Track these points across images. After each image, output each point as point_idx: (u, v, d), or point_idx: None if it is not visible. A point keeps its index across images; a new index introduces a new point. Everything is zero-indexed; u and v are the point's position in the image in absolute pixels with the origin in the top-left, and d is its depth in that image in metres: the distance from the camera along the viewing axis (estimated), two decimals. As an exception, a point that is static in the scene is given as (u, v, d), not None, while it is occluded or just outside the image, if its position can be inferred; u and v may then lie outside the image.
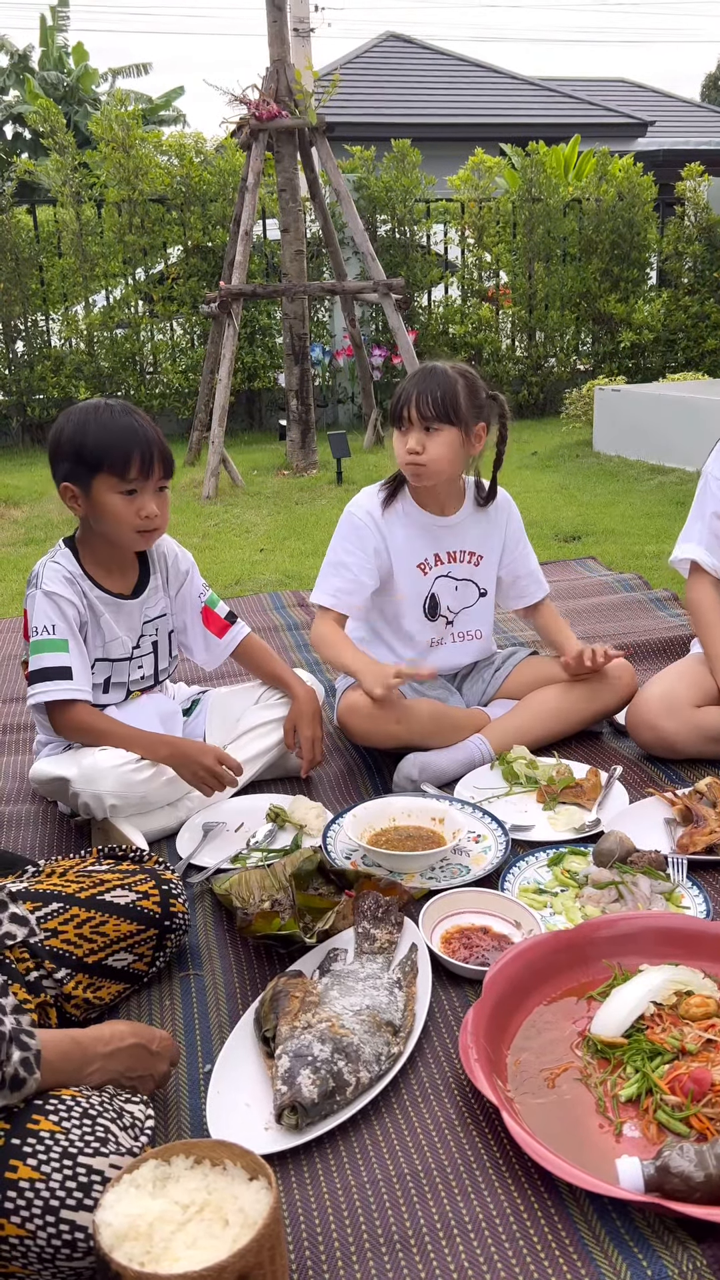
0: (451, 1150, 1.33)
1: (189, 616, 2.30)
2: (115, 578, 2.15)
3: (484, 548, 2.46)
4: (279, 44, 6.52)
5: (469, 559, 2.44)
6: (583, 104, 15.96)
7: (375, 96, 14.96)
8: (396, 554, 2.37)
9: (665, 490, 5.72)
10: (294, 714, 2.31)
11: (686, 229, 9.53)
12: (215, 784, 2.10)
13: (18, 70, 22.20)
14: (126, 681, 2.20)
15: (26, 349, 8.72)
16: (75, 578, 2.08)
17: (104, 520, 2.03)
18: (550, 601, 2.60)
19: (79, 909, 1.55)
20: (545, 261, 9.35)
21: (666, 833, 2.03)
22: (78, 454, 1.98)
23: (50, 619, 2.04)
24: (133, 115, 8.54)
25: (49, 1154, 1.13)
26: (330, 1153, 1.33)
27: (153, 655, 2.24)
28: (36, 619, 2.05)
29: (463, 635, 2.49)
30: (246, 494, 6.24)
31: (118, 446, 1.96)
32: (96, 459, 1.97)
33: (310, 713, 2.31)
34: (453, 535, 2.42)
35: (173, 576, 2.26)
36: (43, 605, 2.04)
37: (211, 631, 2.31)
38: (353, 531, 2.38)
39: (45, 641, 2.04)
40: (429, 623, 2.44)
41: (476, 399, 2.27)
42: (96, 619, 2.10)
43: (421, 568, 2.40)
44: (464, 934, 1.72)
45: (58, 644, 2.03)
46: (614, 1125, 1.33)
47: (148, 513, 2.01)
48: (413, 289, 9.13)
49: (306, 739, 2.29)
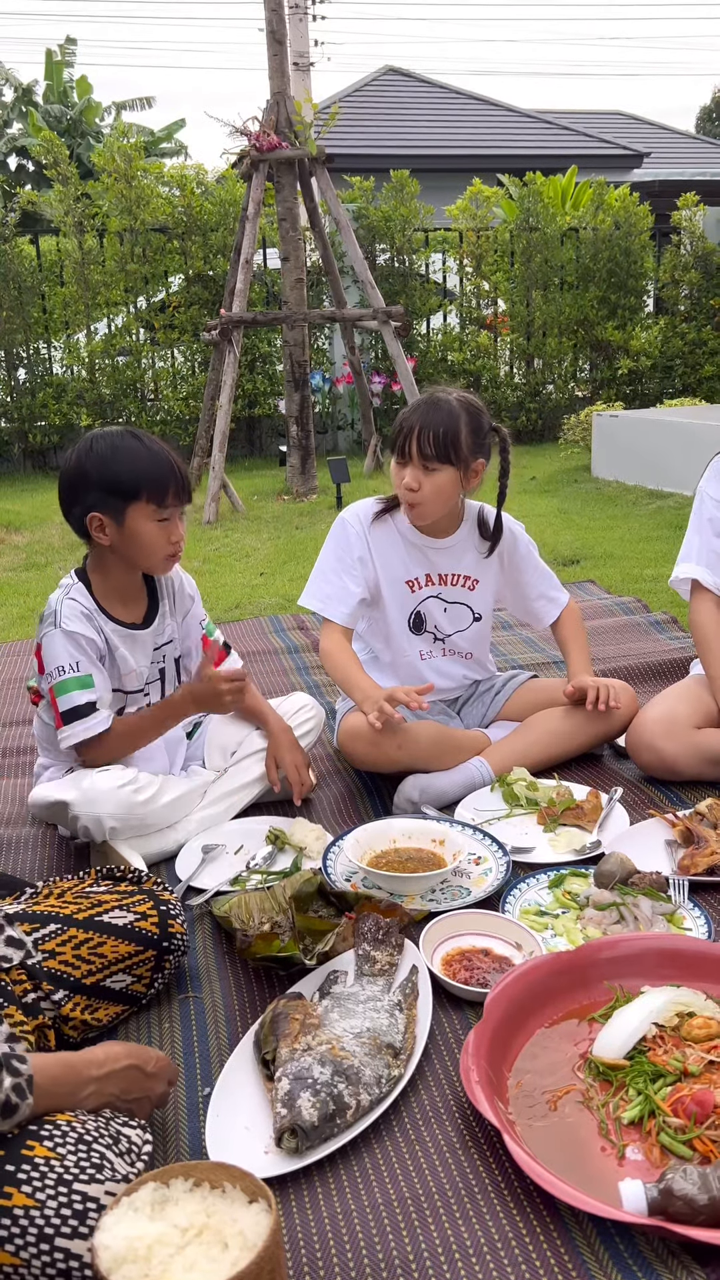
0: (453, 1173, 1.31)
1: (192, 642, 2.31)
2: (128, 608, 2.14)
3: (480, 573, 2.46)
4: (279, 77, 6.61)
5: (463, 582, 2.44)
6: (579, 136, 16.16)
7: (374, 128, 15.15)
8: (383, 566, 2.37)
9: (663, 514, 5.75)
10: (272, 748, 2.30)
11: (683, 257, 9.63)
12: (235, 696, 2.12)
13: (22, 104, 22.51)
14: (138, 711, 2.19)
15: (29, 376, 8.79)
16: (92, 613, 2.07)
17: (135, 548, 2.02)
18: (574, 608, 2.58)
19: (77, 930, 1.54)
20: (543, 289, 9.44)
21: (667, 854, 2.02)
22: (112, 484, 1.96)
23: (74, 656, 2.02)
24: (135, 147, 8.65)
25: (44, 1180, 1.12)
26: (330, 1176, 1.32)
27: (160, 683, 2.24)
28: (59, 658, 2.02)
29: (453, 653, 2.50)
30: (247, 519, 6.27)
31: (154, 475, 1.96)
32: (134, 488, 1.96)
33: (287, 743, 2.30)
34: (446, 558, 2.42)
35: (179, 602, 2.27)
36: (63, 644, 2.02)
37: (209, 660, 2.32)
38: (344, 539, 2.39)
39: (72, 680, 2.02)
40: (414, 636, 2.45)
41: (479, 435, 2.25)
42: (112, 653, 2.10)
43: (410, 585, 2.41)
44: (465, 956, 1.71)
45: (85, 681, 2.02)
46: (617, 1148, 1.32)
47: (178, 537, 2.04)
48: (412, 317, 9.21)
49: (290, 767, 2.28)
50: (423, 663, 2.47)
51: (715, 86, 37.43)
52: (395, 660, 2.46)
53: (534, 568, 2.52)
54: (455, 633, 2.47)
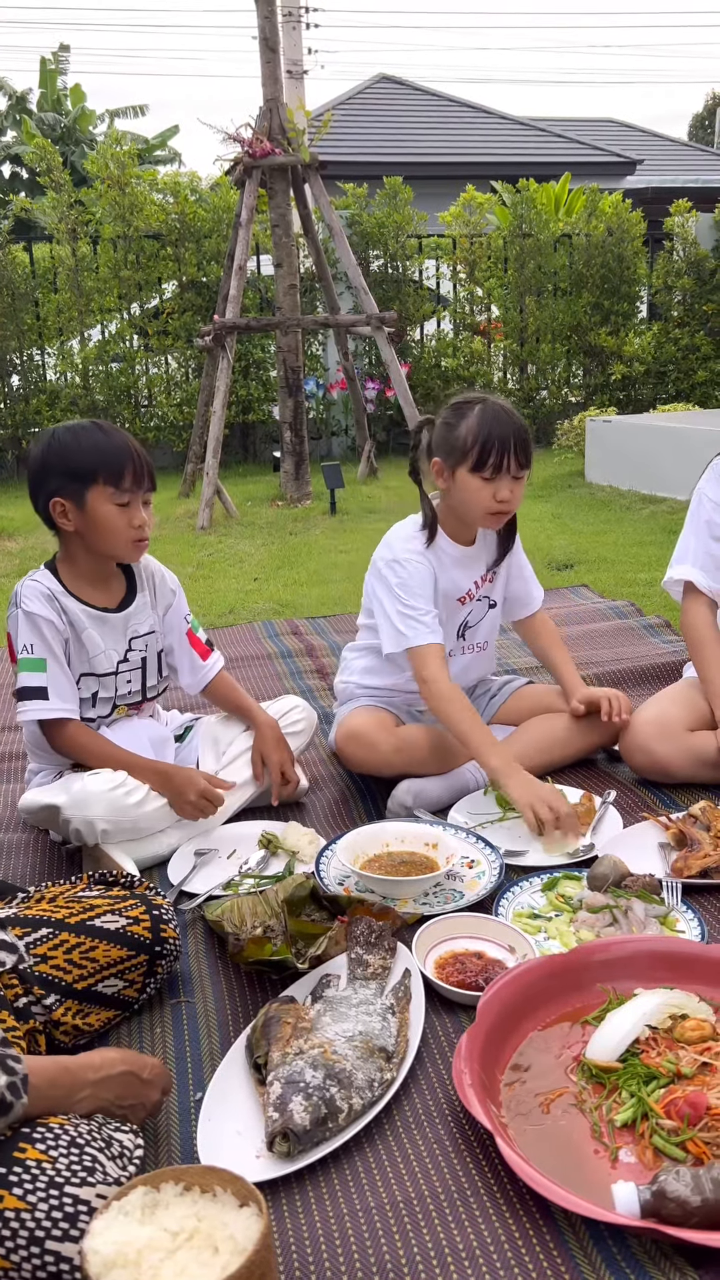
0: (445, 1177, 1.31)
1: (176, 638, 2.31)
2: (99, 592, 2.17)
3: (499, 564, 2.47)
4: (272, 84, 6.63)
5: (490, 578, 2.46)
6: (572, 143, 16.22)
7: (368, 136, 15.19)
8: (443, 592, 2.36)
9: (657, 519, 5.76)
10: (258, 743, 2.31)
11: (675, 263, 9.66)
12: (203, 813, 2.12)
13: (16, 112, 22.54)
14: (114, 696, 2.20)
15: (22, 383, 8.80)
16: (54, 594, 2.10)
17: (98, 532, 2.06)
18: (547, 617, 2.59)
19: (68, 934, 1.53)
20: (536, 295, 9.47)
21: (661, 857, 2.02)
22: (70, 469, 2.02)
23: (29, 638, 2.07)
24: (129, 154, 8.68)
25: (35, 1183, 1.11)
26: (322, 1180, 1.31)
27: (141, 671, 2.24)
28: (20, 638, 2.08)
29: (473, 648, 2.50)
30: (240, 524, 6.27)
31: (111, 459, 2.02)
32: (91, 471, 2.01)
33: (273, 739, 2.31)
34: (478, 561, 2.43)
35: (160, 594, 2.28)
36: (23, 624, 2.07)
37: (197, 654, 2.33)
38: (415, 575, 2.28)
39: (25, 660, 2.07)
40: (455, 641, 2.45)
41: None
42: (78, 634, 2.12)
43: (461, 600, 2.41)
44: (458, 959, 1.70)
45: (36, 663, 2.06)
46: (610, 1150, 1.31)
47: (140, 521, 2.07)
48: (405, 323, 9.23)
49: (274, 764, 2.28)
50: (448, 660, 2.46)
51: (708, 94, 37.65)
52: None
53: (520, 555, 2.54)
54: (476, 623, 2.47)
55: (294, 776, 2.32)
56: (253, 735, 2.34)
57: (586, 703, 2.38)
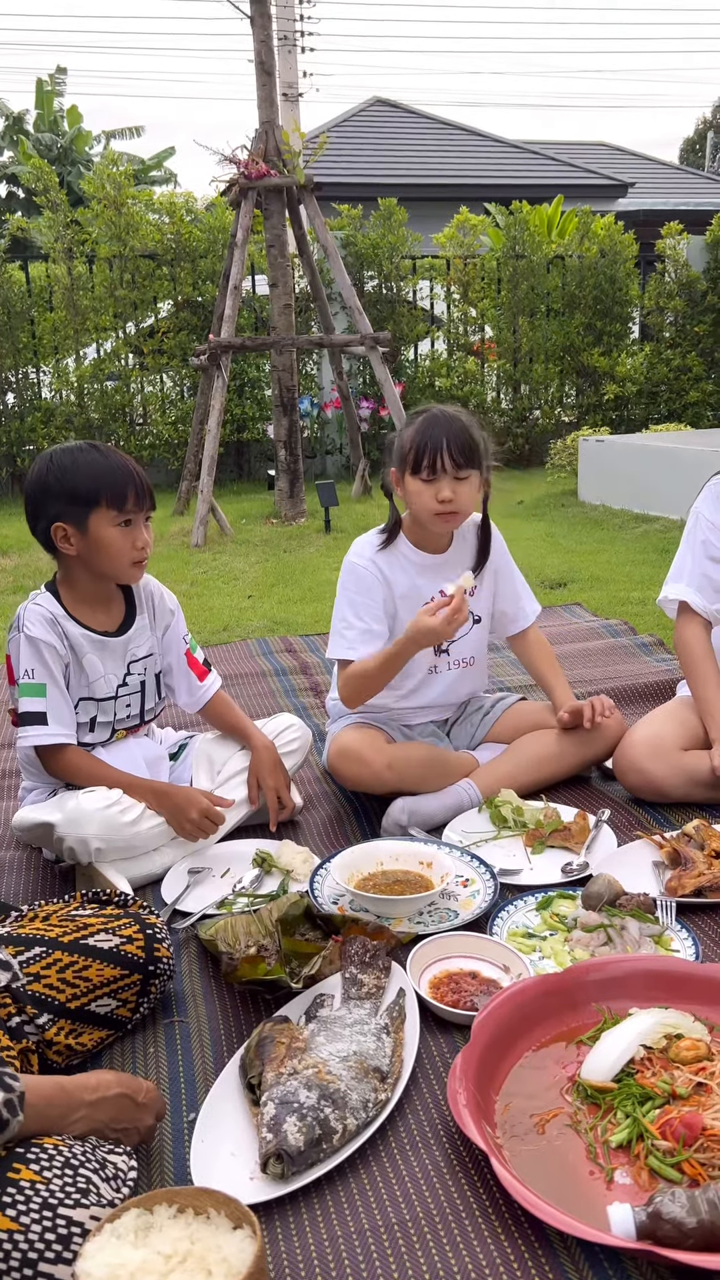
0: (440, 1198, 1.30)
1: (174, 657, 2.31)
2: (100, 616, 2.16)
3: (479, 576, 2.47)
4: (268, 106, 6.69)
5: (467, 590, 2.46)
6: (565, 166, 16.37)
7: (362, 158, 15.32)
8: (401, 599, 2.38)
9: (650, 538, 5.78)
10: (254, 766, 2.30)
11: (667, 285, 9.74)
12: (202, 832, 2.11)
13: (13, 132, 22.69)
14: (112, 720, 2.20)
15: (17, 401, 8.82)
16: (56, 618, 2.09)
17: (101, 554, 2.06)
18: (540, 634, 2.60)
19: (62, 953, 1.53)
20: (529, 316, 9.54)
21: (655, 875, 2.02)
22: (72, 493, 2.01)
23: (30, 663, 2.06)
24: (125, 175, 8.74)
25: (29, 1205, 1.11)
26: (316, 1202, 1.30)
27: (139, 694, 2.24)
28: (21, 663, 2.07)
29: (458, 663, 2.49)
30: (235, 542, 6.28)
31: (113, 481, 2.01)
32: (93, 495, 2.00)
33: (270, 762, 2.30)
34: (450, 569, 2.43)
35: (159, 615, 2.27)
36: (24, 649, 2.07)
37: (195, 674, 2.33)
38: (359, 583, 2.36)
39: (26, 685, 2.06)
40: (433, 655, 2.45)
41: (486, 441, 2.31)
42: (79, 659, 2.11)
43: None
44: (452, 979, 1.70)
45: (36, 688, 2.06)
46: (605, 1171, 1.31)
47: (143, 542, 2.07)
48: (399, 343, 9.28)
49: (270, 789, 2.28)
50: (427, 678, 2.46)
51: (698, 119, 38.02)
52: (401, 679, 2.45)
53: (511, 570, 2.54)
54: (460, 638, 2.47)
55: (290, 802, 2.32)
56: (247, 755, 2.33)
57: (571, 712, 2.38)
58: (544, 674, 2.54)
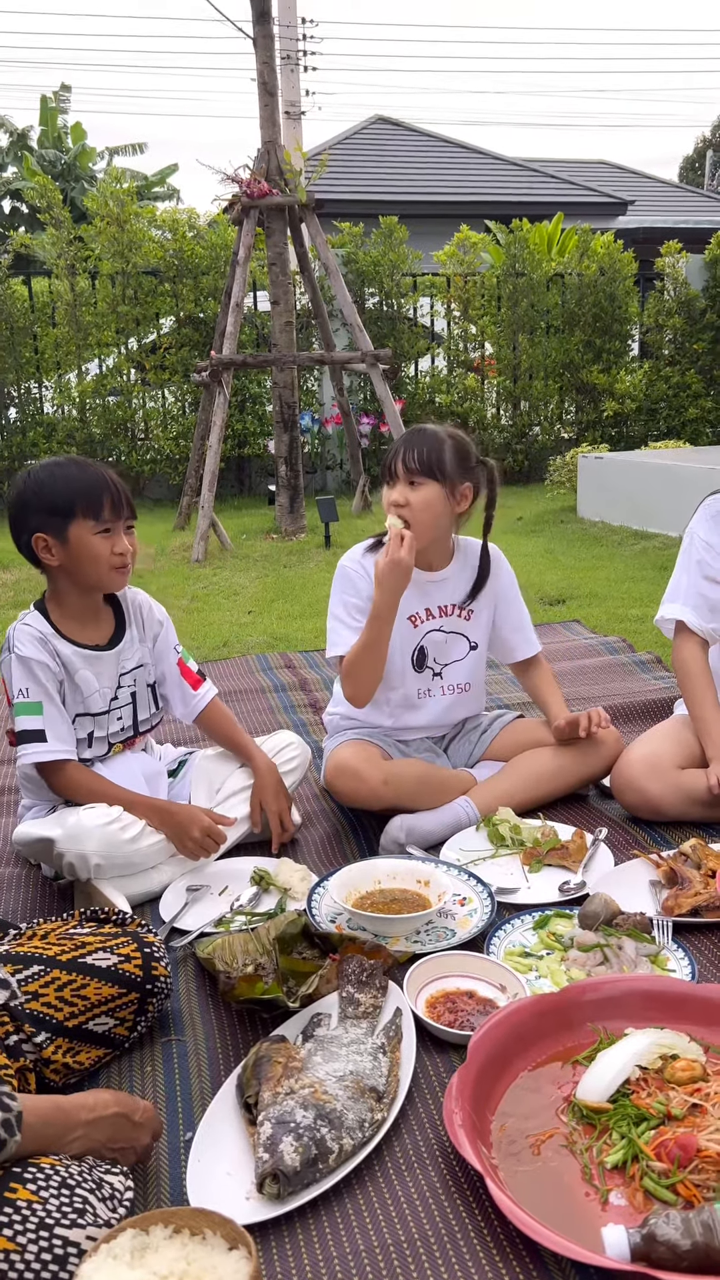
0: (435, 1219, 1.31)
1: (166, 667, 2.33)
2: (89, 630, 2.18)
3: (475, 601, 2.49)
4: (270, 126, 6.75)
5: (459, 612, 2.47)
6: (565, 184, 16.48)
7: (364, 176, 15.42)
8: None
9: (648, 555, 5.80)
10: (258, 789, 2.31)
11: (666, 303, 9.80)
12: (204, 851, 2.12)
13: (17, 148, 22.85)
14: (107, 735, 2.21)
15: (19, 415, 8.85)
16: (46, 636, 2.12)
17: (82, 563, 2.09)
18: (546, 662, 2.62)
19: (60, 972, 1.53)
20: (529, 333, 9.59)
21: (651, 895, 2.03)
22: (50, 505, 2.05)
23: (24, 682, 2.08)
24: (128, 192, 8.80)
25: (25, 1224, 1.11)
26: (312, 1222, 1.31)
27: (131, 706, 2.25)
28: (15, 682, 2.09)
29: (452, 688, 2.50)
30: (235, 557, 6.30)
31: (89, 492, 2.05)
32: (70, 506, 2.05)
33: (273, 785, 2.31)
34: (441, 589, 2.45)
35: (148, 626, 2.30)
36: (17, 669, 2.09)
37: (188, 683, 2.35)
38: (347, 583, 2.42)
39: (21, 704, 2.08)
40: (416, 674, 2.46)
41: (465, 461, 2.32)
42: (71, 675, 2.13)
43: (412, 620, 2.43)
44: (449, 998, 1.70)
45: (32, 707, 2.08)
46: (600, 1193, 1.31)
47: (122, 549, 2.10)
48: (400, 359, 9.33)
49: (273, 814, 2.29)
50: (419, 701, 2.48)
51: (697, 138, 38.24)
52: (390, 699, 2.47)
53: (516, 600, 2.56)
54: (453, 662, 2.48)
55: (291, 825, 2.32)
56: (247, 773, 2.34)
57: (568, 722, 2.40)
58: (541, 692, 2.55)
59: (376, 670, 2.32)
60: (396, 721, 2.48)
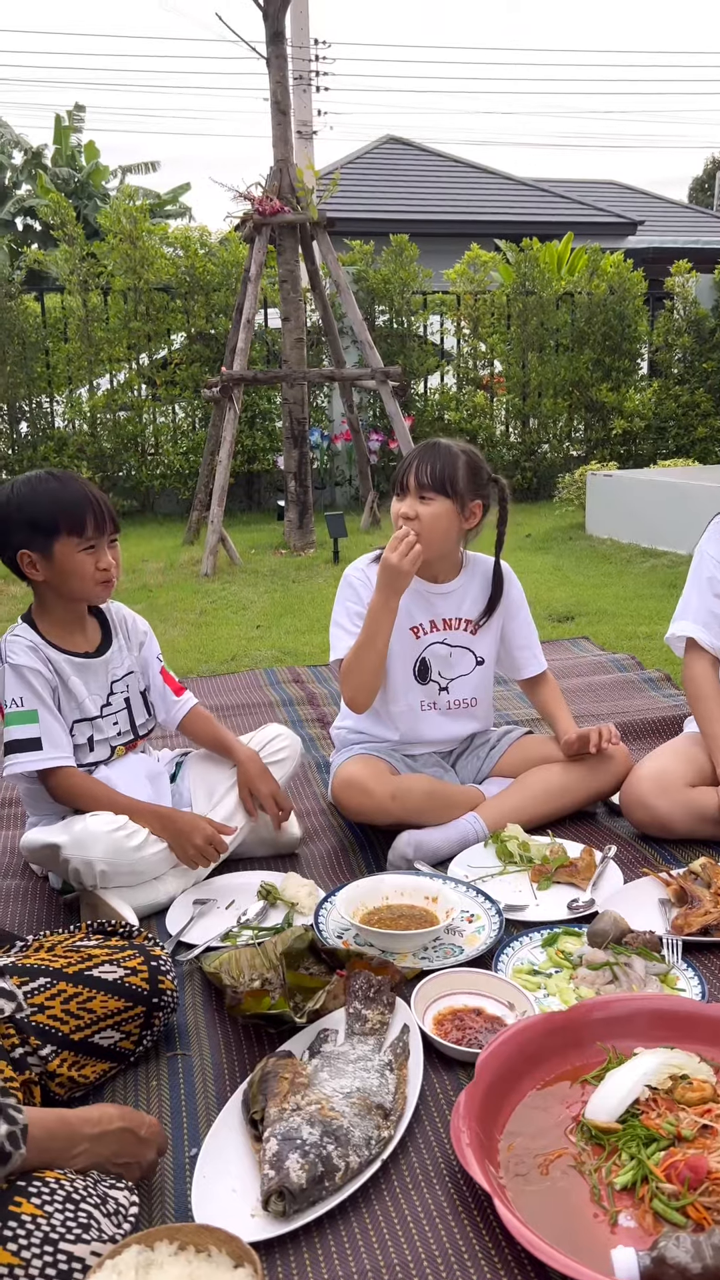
0: (442, 1239, 1.29)
1: (151, 675, 2.36)
2: (77, 639, 2.21)
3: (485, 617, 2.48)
4: (283, 145, 6.80)
5: (465, 626, 2.47)
6: (575, 204, 16.57)
7: (375, 195, 15.52)
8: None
9: (657, 573, 5.79)
10: (243, 779, 2.31)
11: (676, 322, 9.82)
12: (204, 859, 2.12)
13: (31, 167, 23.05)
14: (108, 738, 2.23)
15: (30, 430, 8.90)
16: (37, 645, 2.13)
17: (67, 578, 2.11)
18: (552, 678, 2.61)
19: (66, 984, 1.53)
20: (539, 351, 9.61)
21: (661, 913, 2.01)
22: (33, 523, 2.06)
23: (18, 691, 2.09)
24: (140, 209, 8.86)
25: (30, 1239, 1.10)
26: (318, 1240, 1.29)
27: (126, 711, 2.28)
28: (8, 692, 2.10)
29: (458, 703, 2.50)
30: (244, 572, 6.31)
31: (71, 510, 2.06)
32: (53, 524, 2.06)
33: (257, 770, 2.32)
34: (447, 602, 2.45)
35: (133, 635, 2.34)
36: (10, 679, 2.10)
37: (170, 690, 2.38)
38: (351, 591, 2.44)
39: (15, 714, 2.08)
40: (419, 685, 2.45)
41: (477, 478, 2.33)
42: (64, 681, 2.15)
43: (414, 631, 2.43)
44: (457, 1015, 1.69)
45: (27, 715, 2.08)
46: (609, 1214, 1.30)
47: (105, 564, 2.12)
48: (410, 376, 9.36)
49: (265, 796, 2.29)
50: (423, 714, 2.47)
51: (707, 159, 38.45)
52: (394, 712, 2.47)
53: (524, 617, 2.56)
54: (459, 677, 2.48)
55: (286, 803, 2.33)
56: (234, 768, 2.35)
57: (579, 737, 2.39)
58: (549, 707, 2.55)
59: (373, 673, 2.32)
60: (403, 735, 2.47)
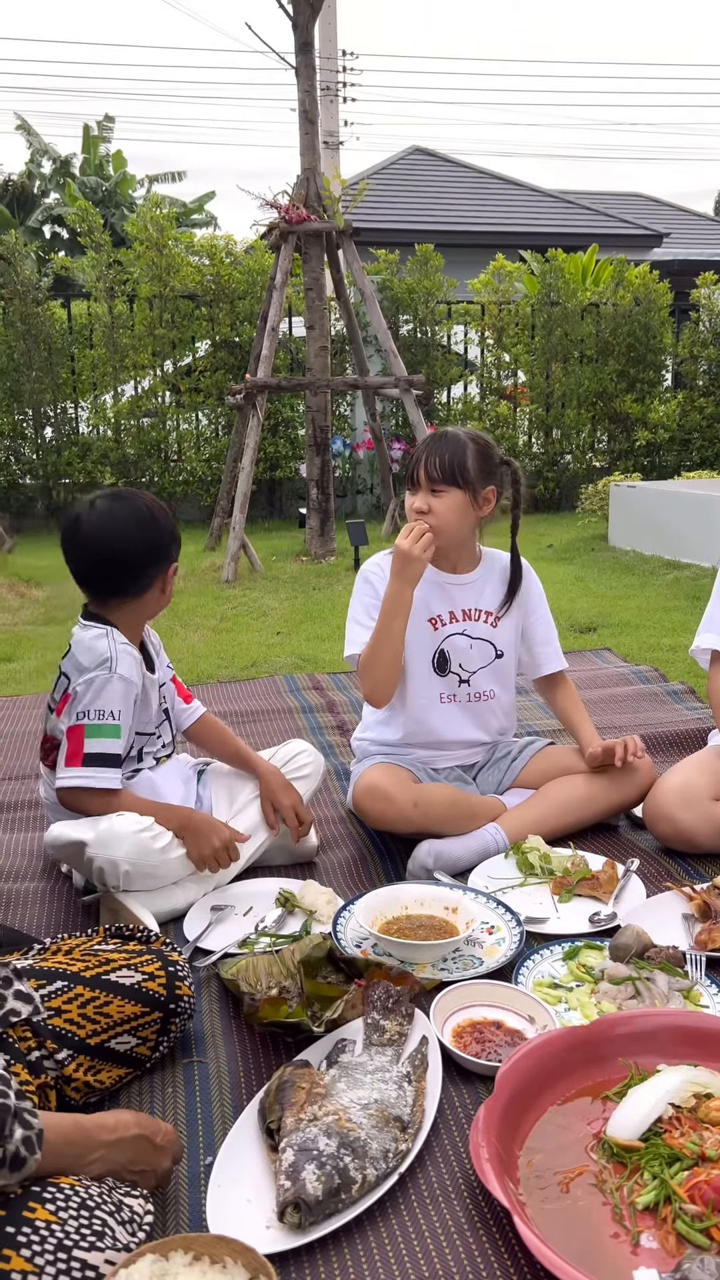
0: (460, 1255, 1.27)
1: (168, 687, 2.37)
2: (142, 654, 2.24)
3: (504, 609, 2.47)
4: (310, 154, 6.83)
5: (485, 618, 2.45)
6: (600, 216, 16.53)
7: (401, 205, 15.54)
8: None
9: (680, 585, 5.75)
10: (265, 791, 2.31)
11: (701, 334, 9.79)
12: (219, 864, 2.12)
13: (60, 175, 23.28)
14: (155, 750, 2.28)
15: (55, 435, 8.95)
16: (138, 661, 2.16)
17: (162, 596, 2.20)
18: (571, 682, 2.59)
19: (83, 988, 1.52)
20: (563, 362, 9.59)
21: (684, 928, 1.99)
22: (176, 537, 2.19)
23: (119, 704, 2.07)
24: (167, 217, 8.91)
25: (44, 1245, 1.09)
26: (334, 1254, 1.28)
27: (167, 722, 2.32)
28: (104, 703, 2.06)
29: (479, 695, 2.47)
30: (265, 579, 6.31)
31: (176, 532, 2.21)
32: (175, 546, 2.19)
33: (279, 784, 2.31)
34: (467, 593, 2.43)
35: (159, 646, 2.37)
36: (117, 690, 2.07)
37: (181, 698, 2.40)
38: (367, 586, 2.43)
39: (102, 726, 2.06)
40: (439, 678, 2.43)
41: (488, 463, 2.31)
42: (145, 695, 2.19)
43: (432, 623, 2.41)
44: (476, 1028, 1.67)
45: (113, 730, 2.07)
46: (630, 1234, 1.27)
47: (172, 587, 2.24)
48: (433, 386, 9.36)
49: (287, 808, 2.28)
50: (442, 706, 2.45)
51: (733, 171, 38.38)
52: (412, 705, 2.44)
53: (543, 612, 2.54)
54: (479, 669, 2.46)
55: (307, 816, 2.32)
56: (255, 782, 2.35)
57: (604, 749, 2.37)
58: (570, 715, 2.53)
59: (390, 665, 2.31)
60: (423, 732, 2.45)
